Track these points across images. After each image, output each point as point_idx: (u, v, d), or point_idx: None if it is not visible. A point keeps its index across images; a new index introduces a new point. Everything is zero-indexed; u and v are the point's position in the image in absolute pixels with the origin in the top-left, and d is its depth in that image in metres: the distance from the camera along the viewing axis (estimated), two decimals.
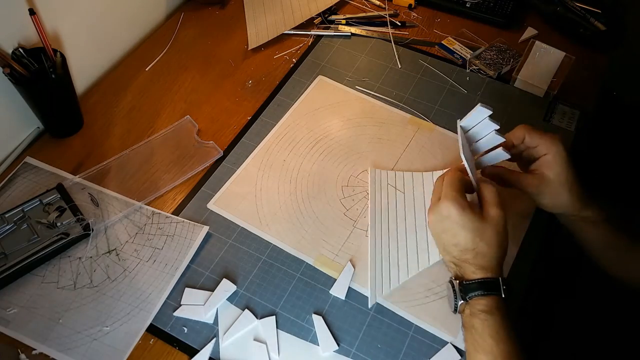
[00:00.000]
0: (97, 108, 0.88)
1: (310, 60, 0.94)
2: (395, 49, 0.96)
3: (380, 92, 0.89)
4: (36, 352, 0.63)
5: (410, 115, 0.86)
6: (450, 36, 0.98)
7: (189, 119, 0.86)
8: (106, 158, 0.80)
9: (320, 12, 1.01)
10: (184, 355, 0.63)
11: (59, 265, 0.69)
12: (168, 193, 0.77)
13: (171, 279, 0.68)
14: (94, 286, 0.68)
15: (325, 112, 0.87)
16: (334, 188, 0.78)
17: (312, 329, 0.65)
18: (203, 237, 0.72)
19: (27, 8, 0.71)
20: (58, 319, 0.65)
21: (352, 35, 0.99)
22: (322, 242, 0.72)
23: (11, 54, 0.75)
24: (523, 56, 0.91)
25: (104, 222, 0.73)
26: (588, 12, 0.98)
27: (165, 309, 0.66)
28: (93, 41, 0.90)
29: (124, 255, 0.70)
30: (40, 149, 0.82)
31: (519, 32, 0.99)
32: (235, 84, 0.92)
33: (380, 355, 0.63)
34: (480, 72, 0.92)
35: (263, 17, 1.01)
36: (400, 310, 0.66)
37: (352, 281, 0.69)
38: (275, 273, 0.69)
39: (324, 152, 0.82)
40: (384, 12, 1.02)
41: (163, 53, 0.96)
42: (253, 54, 0.96)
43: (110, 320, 0.65)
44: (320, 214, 0.75)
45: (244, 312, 0.66)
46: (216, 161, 0.81)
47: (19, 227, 0.70)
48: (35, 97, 0.77)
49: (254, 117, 0.86)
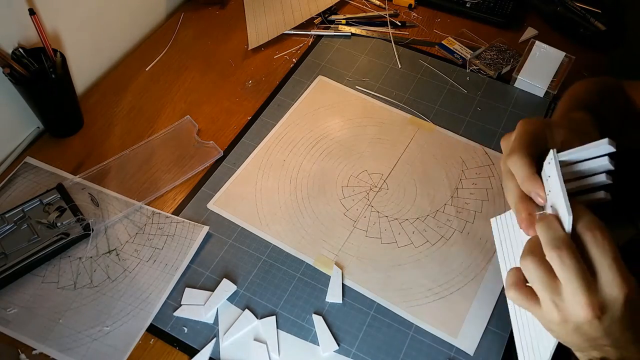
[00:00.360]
0: (97, 108, 0.88)
1: (310, 60, 0.94)
2: (395, 49, 0.96)
3: (380, 92, 0.89)
4: (36, 352, 0.63)
5: (410, 116, 0.86)
6: (450, 36, 0.98)
7: (189, 119, 0.86)
8: (106, 158, 0.80)
9: (320, 12, 1.01)
10: (184, 355, 0.63)
11: (59, 265, 0.69)
12: (168, 193, 0.77)
13: (171, 279, 0.68)
14: (94, 286, 0.68)
15: (325, 112, 0.87)
16: (334, 188, 0.78)
17: (312, 329, 0.65)
18: (203, 237, 0.72)
19: (27, 8, 0.71)
20: (58, 319, 0.65)
21: (352, 35, 0.99)
22: (322, 242, 0.72)
23: (11, 54, 0.75)
24: (523, 56, 0.91)
25: (104, 222, 0.73)
26: (588, 12, 0.98)
27: (165, 309, 0.66)
28: (93, 41, 0.90)
29: (124, 255, 0.70)
30: (40, 149, 0.82)
31: (519, 32, 0.99)
32: (235, 84, 0.92)
33: (380, 355, 0.63)
34: (480, 72, 0.92)
35: (263, 17, 1.01)
36: (400, 310, 0.66)
37: (350, 280, 0.69)
38: (275, 273, 0.69)
39: (324, 152, 0.82)
40: (384, 12, 1.02)
41: (163, 53, 0.96)
42: (253, 54, 0.96)
43: (110, 320, 0.65)
44: (320, 214, 0.75)
45: (244, 312, 0.66)
46: (216, 161, 0.81)
47: (19, 227, 0.70)
48: (35, 97, 0.77)
49: (254, 117, 0.86)
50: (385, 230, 0.73)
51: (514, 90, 0.90)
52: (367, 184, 0.78)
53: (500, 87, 0.90)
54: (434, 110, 0.87)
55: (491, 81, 0.91)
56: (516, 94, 0.89)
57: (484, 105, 0.88)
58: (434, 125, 0.85)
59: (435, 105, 0.88)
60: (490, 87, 0.90)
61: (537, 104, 0.88)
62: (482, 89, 0.90)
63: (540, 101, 0.88)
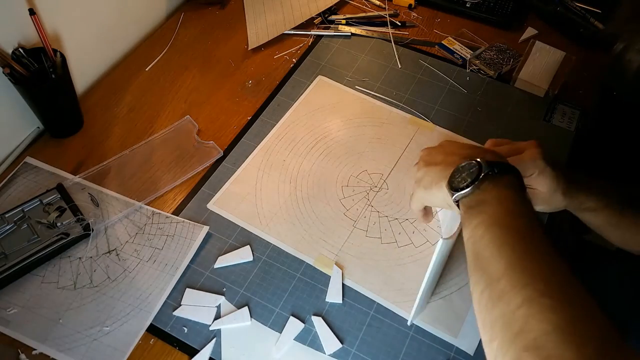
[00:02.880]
0: (97, 108, 0.88)
1: (310, 60, 0.94)
2: (395, 49, 0.96)
3: (380, 92, 0.89)
4: (36, 352, 0.63)
5: (410, 115, 0.86)
6: (450, 36, 0.98)
7: (189, 119, 0.86)
8: (106, 158, 0.80)
9: (320, 12, 1.01)
10: (184, 355, 0.63)
11: (59, 265, 0.69)
12: (168, 193, 0.77)
13: (171, 279, 0.68)
14: (94, 286, 0.68)
15: (325, 112, 0.87)
16: (333, 188, 0.78)
17: (312, 329, 0.65)
18: (203, 237, 0.72)
19: (27, 8, 0.71)
20: (58, 319, 0.65)
21: (352, 35, 0.99)
22: (322, 242, 0.72)
23: (11, 54, 0.75)
24: (523, 56, 0.91)
25: (104, 222, 0.73)
26: (588, 12, 0.98)
27: (165, 309, 0.66)
28: (93, 41, 0.90)
29: (124, 255, 0.70)
30: (40, 149, 0.82)
31: (519, 32, 0.99)
32: (235, 84, 0.92)
33: (380, 355, 0.63)
34: (480, 72, 0.92)
35: (263, 17, 1.01)
36: (400, 310, 0.66)
37: (350, 280, 0.69)
38: (275, 273, 0.69)
39: (324, 152, 0.82)
40: (384, 12, 1.02)
41: (163, 53, 0.96)
42: (253, 54, 0.96)
43: (110, 320, 0.65)
44: (320, 214, 0.75)
45: (244, 312, 0.66)
46: (216, 161, 0.81)
47: (19, 227, 0.70)
48: (35, 97, 0.77)
49: (254, 117, 0.86)
50: (386, 230, 0.73)
51: (514, 90, 0.90)
52: (367, 184, 0.78)
53: (500, 87, 0.90)
54: (434, 110, 0.87)
55: (491, 81, 0.91)
56: (516, 94, 0.89)
57: (483, 105, 0.88)
58: (434, 125, 0.85)
59: (435, 105, 0.88)
60: (490, 87, 0.90)
61: (537, 104, 0.88)
62: (482, 89, 0.90)
63: (540, 101, 0.88)
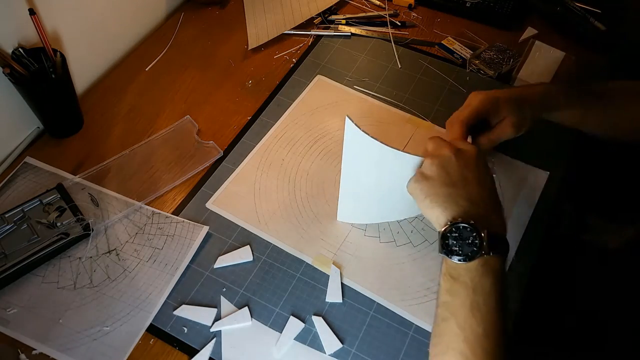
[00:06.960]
0: (97, 108, 0.88)
1: (310, 60, 0.94)
2: (395, 49, 0.96)
3: (380, 92, 0.89)
4: (36, 352, 0.63)
5: (409, 115, 0.86)
6: (450, 36, 0.98)
7: (189, 119, 0.86)
8: (106, 158, 0.80)
9: (320, 12, 1.01)
10: (184, 355, 0.63)
11: (59, 265, 0.69)
12: (168, 193, 0.77)
13: (171, 279, 0.68)
14: (94, 286, 0.68)
15: (325, 111, 0.87)
16: (332, 187, 0.78)
17: (312, 329, 0.65)
18: (203, 237, 0.72)
19: (27, 8, 0.71)
20: (58, 319, 0.65)
21: (352, 35, 0.99)
22: (321, 241, 0.72)
23: (11, 54, 0.75)
24: (523, 56, 0.91)
25: (104, 222, 0.73)
26: (588, 12, 0.98)
27: (165, 309, 0.66)
28: (93, 41, 0.90)
29: (124, 255, 0.70)
30: (40, 149, 0.82)
31: (519, 32, 0.99)
32: (235, 84, 0.92)
33: (380, 355, 0.63)
34: (480, 72, 0.92)
35: (263, 17, 1.02)
36: (400, 310, 0.66)
37: (349, 280, 0.69)
38: (275, 273, 0.69)
39: (323, 151, 0.82)
40: (384, 12, 1.02)
41: (163, 53, 0.96)
42: (253, 54, 0.96)
43: (110, 320, 0.65)
44: (319, 213, 0.75)
45: (244, 312, 0.66)
46: (216, 161, 0.81)
47: (19, 227, 0.71)
48: (35, 97, 0.77)
49: (254, 117, 0.86)
50: (384, 229, 0.73)
51: None
52: None
53: (500, 87, 0.90)
54: (434, 110, 0.87)
55: (491, 81, 0.91)
56: None
57: None
58: (432, 124, 0.85)
59: (435, 105, 0.88)
60: (490, 87, 0.90)
61: None
62: (482, 88, 0.90)
63: None
